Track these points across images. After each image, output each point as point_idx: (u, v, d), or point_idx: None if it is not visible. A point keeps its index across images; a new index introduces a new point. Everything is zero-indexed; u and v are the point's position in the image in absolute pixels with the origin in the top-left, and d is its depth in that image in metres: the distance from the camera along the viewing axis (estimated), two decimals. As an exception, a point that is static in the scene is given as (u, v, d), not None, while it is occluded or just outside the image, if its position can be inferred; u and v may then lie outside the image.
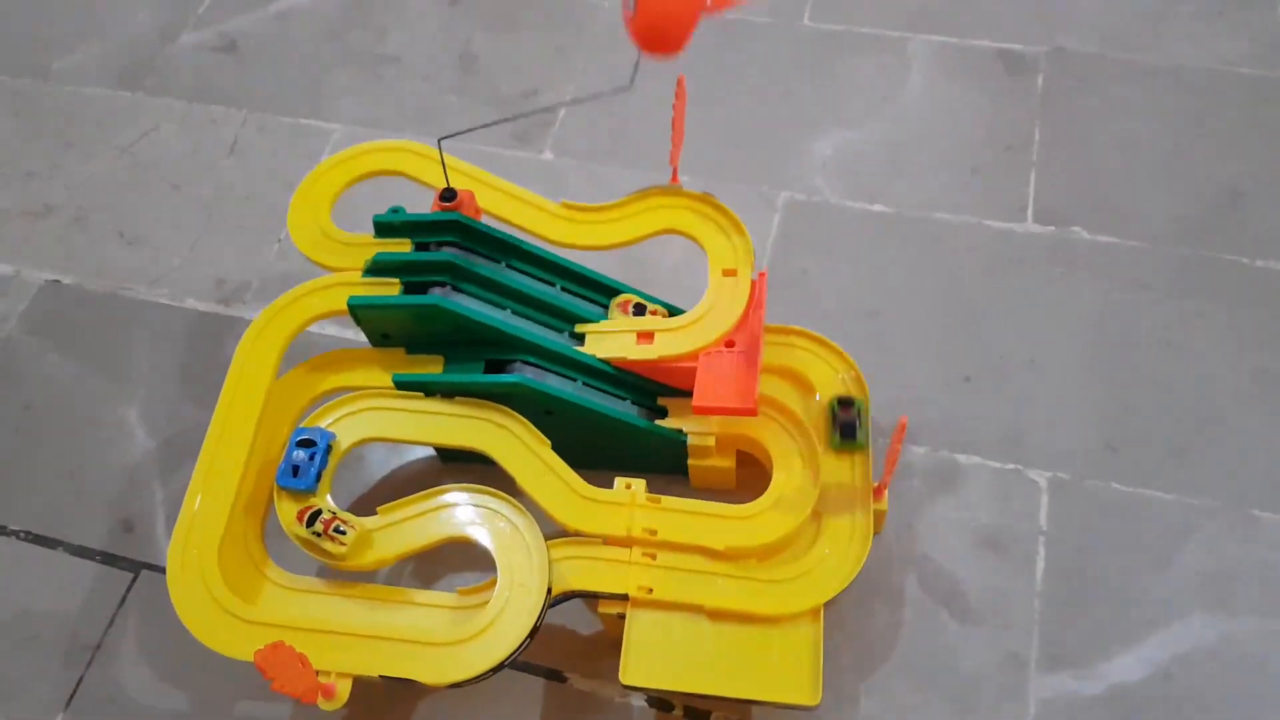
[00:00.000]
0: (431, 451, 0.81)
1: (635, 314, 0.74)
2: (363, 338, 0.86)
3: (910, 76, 1.02)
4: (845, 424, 0.71)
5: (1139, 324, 0.84)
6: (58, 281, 0.96)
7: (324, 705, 0.59)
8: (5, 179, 1.04)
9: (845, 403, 0.72)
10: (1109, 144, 0.95)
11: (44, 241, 0.99)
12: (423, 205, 0.77)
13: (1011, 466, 0.78)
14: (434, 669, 0.61)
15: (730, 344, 0.71)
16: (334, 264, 0.74)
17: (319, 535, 0.63)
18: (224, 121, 1.07)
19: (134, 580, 0.78)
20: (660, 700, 0.70)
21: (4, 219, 1.01)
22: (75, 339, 0.92)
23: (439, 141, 0.71)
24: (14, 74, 1.13)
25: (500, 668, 0.61)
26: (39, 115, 1.10)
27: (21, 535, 0.81)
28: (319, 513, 0.64)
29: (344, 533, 0.64)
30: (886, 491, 0.69)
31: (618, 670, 0.65)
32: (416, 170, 0.78)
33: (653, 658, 0.65)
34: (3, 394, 0.89)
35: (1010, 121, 0.97)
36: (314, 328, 0.75)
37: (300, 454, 0.66)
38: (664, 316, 0.74)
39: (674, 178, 0.76)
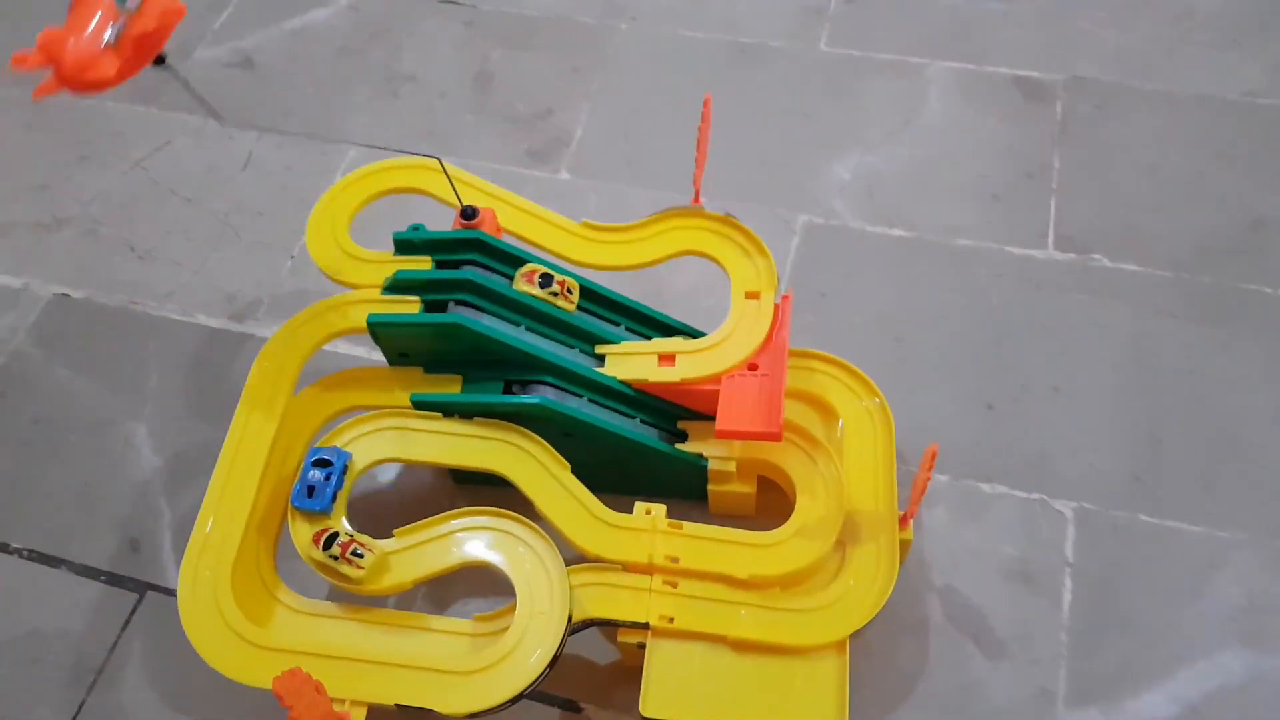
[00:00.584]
0: (445, 471, 0.80)
1: (541, 285, 0.72)
2: (378, 356, 0.85)
3: (928, 102, 1.01)
4: None
5: (1164, 352, 0.83)
6: (67, 295, 0.95)
7: (338, 733, 0.57)
8: (17, 191, 1.03)
9: None
10: (1129, 172, 0.95)
11: (54, 254, 0.98)
12: (440, 223, 0.76)
13: (1036, 496, 0.76)
14: (452, 698, 0.59)
15: (753, 367, 0.70)
16: (352, 280, 0.73)
17: (336, 559, 0.62)
18: (239, 137, 1.06)
19: (139, 601, 0.77)
20: (679, 730, 0.68)
21: (14, 231, 1.00)
22: (84, 353, 0.91)
23: (440, 161, 0.70)
24: (27, 87, 1.12)
25: (519, 698, 0.60)
26: (52, 128, 1.09)
27: (25, 554, 0.79)
28: (336, 535, 0.63)
29: (361, 556, 0.62)
30: (911, 521, 0.68)
31: (635, 701, 0.63)
32: (436, 188, 0.77)
33: (674, 689, 0.63)
34: (11, 407, 0.88)
35: (1029, 148, 0.97)
36: (326, 346, 0.74)
37: (316, 474, 0.65)
38: (572, 289, 0.73)
39: (695, 198, 0.75)
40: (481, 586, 0.74)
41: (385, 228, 0.76)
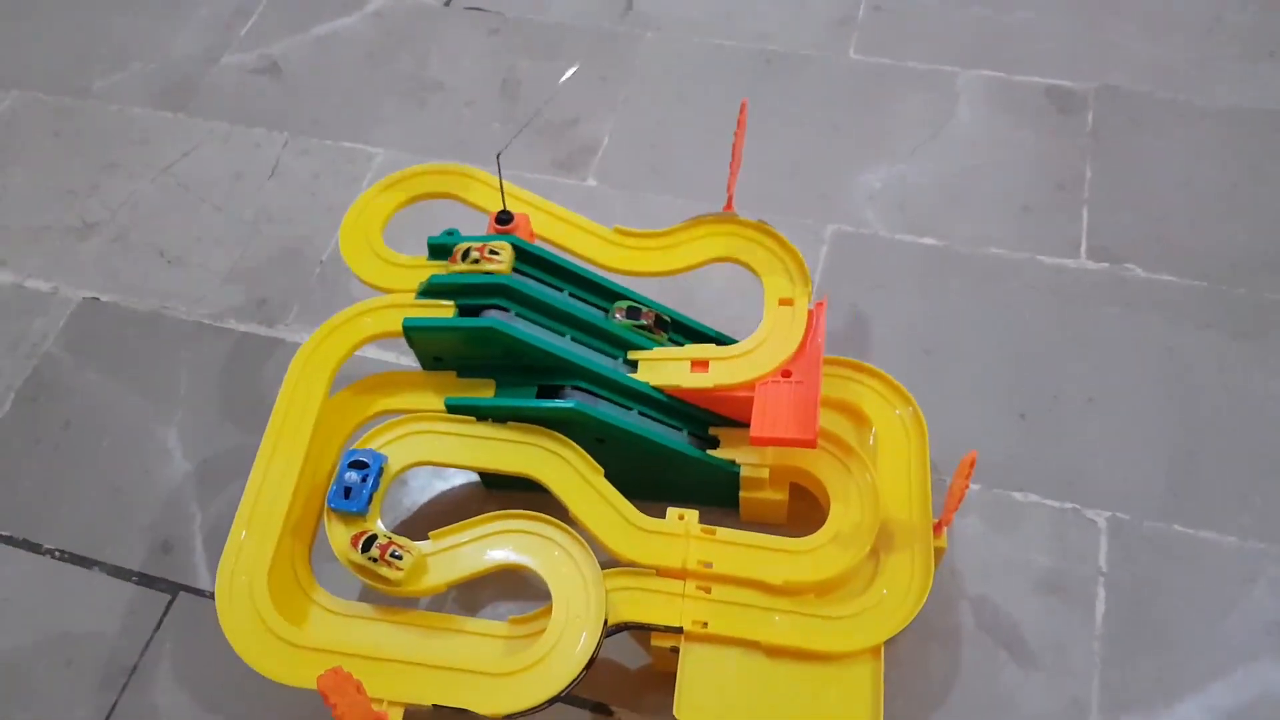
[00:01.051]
0: (475, 476, 0.80)
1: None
2: (408, 361, 0.85)
3: (958, 111, 1.02)
4: None
5: (1198, 364, 0.83)
6: (96, 299, 0.96)
7: (376, 734, 0.57)
8: (45, 197, 1.04)
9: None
10: (1162, 183, 0.95)
11: (83, 259, 0.99)
12: (469, 228, 0.76)
13: (1070, 506, 0.76)
14: (489, 699, 0.59)
15: (787, 374, 0.70)
16: (387, 285, 0.73)
17: (375, 561, 0.62)
18: (266, 144, 1.07)
19: (171, 602, 0.77)
20: (711, 738, 0.68)
21: (44, 236, 1.01)
22: (114, 357, 0.92)
23: (498, 157, 0.70)
24: (55, 93, 1.14)
25: (556, 699, 0.60)
26: (80, 134, 1.10)
27: (57, 555, 0.80)
28: (374, 538, 0.63)
29: (400, 558, 0.62)
30: (945, 530, 0.68)
31: (666, 705, 0.63)
32: (468, 193, 0.78)
33: (708, 694, 0.63)
34: (42, 410, 0.88)
35: (1061, 158, 0.97)
36: (357, 351, 0.74)
37: (353, 475, 0.65)
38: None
39: (729, 205, 0.75)
40: (512, 590, 0.74)
41: (410, 233, 0.76)
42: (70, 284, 0.97)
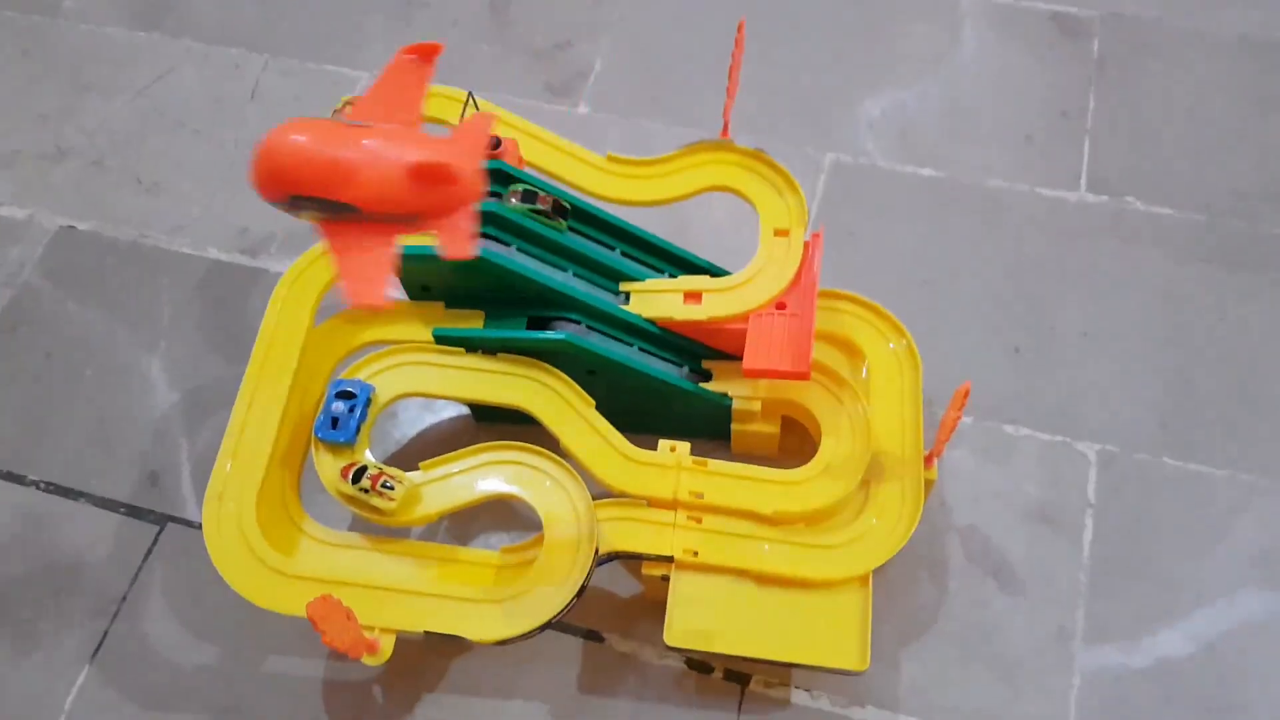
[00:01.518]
0: (465, 409, 0.79)
1: (524, 200, 0.69)
2: (393, 290, 0.84)
3: (962, 38, 0.99)
4: None
5: (1194, 298, 0.82)
6: (73, 228, 0.93)
7: (368, 661, 0.58)
8: (16, 121, 1.01)
9: None
10: (1166, 113, 0.93)
11: (59, 186, 0.96)
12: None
13: (1060, 439, 0.76)
14: (480, 626, 0.60)
15: (781, 306, 0.69)
16: (373, 213, 0.71)
17: (366, 491, 0.62)
18: (244, 65, 1.04)
19: (159, 533, 0.77)
20: (700, 663, 0.69)
21: (16, 161, 0.98)
22: (94, 287, 0.90)
23: (470, 95, 0.68)
24: (24, 10, 1.09)
25: (546, 627, 0.60)
26: (51, 55, 1.06)
27: (43, 486, 0.79)
28: (365, 469, 0.62)
29: (392, 488, 0.62)
30: (936, 461, 0.68)
31: (656, 632, 0.64)
32: (455, 117, 0.75)
33: (698, 620, 0.64)
34: (23, 341, 0.87)
35: (1065, 87, 0.95)
36: (345, 279, 0.73)
37: (340, 405, 0.65)
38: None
39: (724, 131, 0.73)
40: (503, 521, 0.74)
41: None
42: (46, 211, 0.94)
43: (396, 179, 0.48)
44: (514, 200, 0.68)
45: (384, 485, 0.62)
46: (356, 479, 0.62)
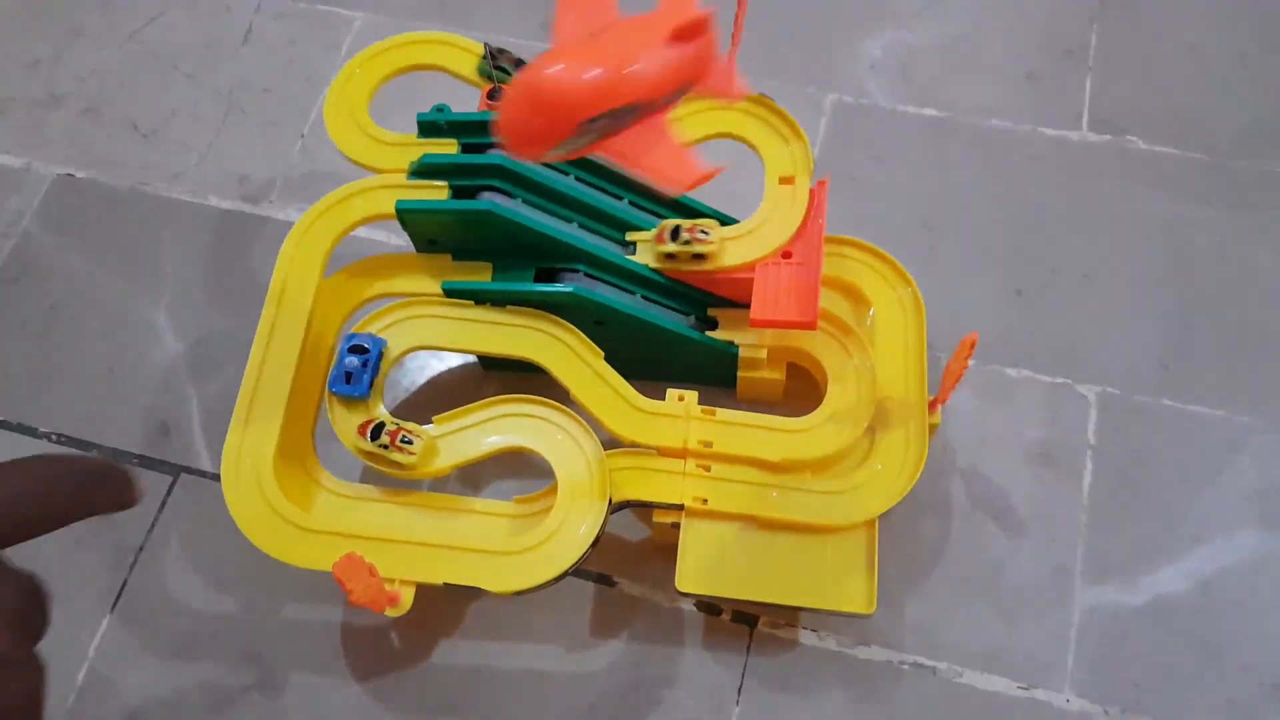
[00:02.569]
0: (472, 359, 0.80)
1: (674, 240, 0.70)
2: (397, 241, 0.84)
3: (963, -27, 0.97)
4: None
5: (1197, 238, 0.82)
6: (71, 176, 0.93)
7: (390, 613, 0.59)
8: (7, 66, 0.99)
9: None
10: (1171, 51, 0.92)
11: (54, 133, 0.95)
12: (457, 102, 0.73)
13: (1061, 381, 0.77)
14: (498, 577, 0.61)
15: (787, 255, 0.70)
16: (377, 164, 0.70)
17: (386, 447, 0.62)
18: (236, 8, 1.01)
19: (173, 483, 0.78)
20: (709, 605, 0.71)
21: (9, 108, 0.97)
22: (95, 237, 0.89)
23: (485, 48, 0.67)
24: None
25: (563, 576, 0.61)
26: (38, 1, 1.04)
27: (54, 438, 0.80)
28: (382, 425, 0.63)
29: (411, 443, 0.63)
30: (940, 407, 0.69)
31: (667, 576, 0.66)
32: (457, 64, 0.74)
33: (708, 566, 0.65)
34: (26, 293, 0.86)
35: (1067, 23, 0.94)
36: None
37: (353, 360, 0.65)
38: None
39: (731, 77, 0.72)
40: (513, 469, 0.75)
41: (388, 105, 0.73)
42: (42, 160, 0.93)
43: (663, 55, 0.47)
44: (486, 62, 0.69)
45: (403, 440, 0.63)
46: (375, 435, 0.63)
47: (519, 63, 0.69)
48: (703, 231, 0.69)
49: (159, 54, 0.99)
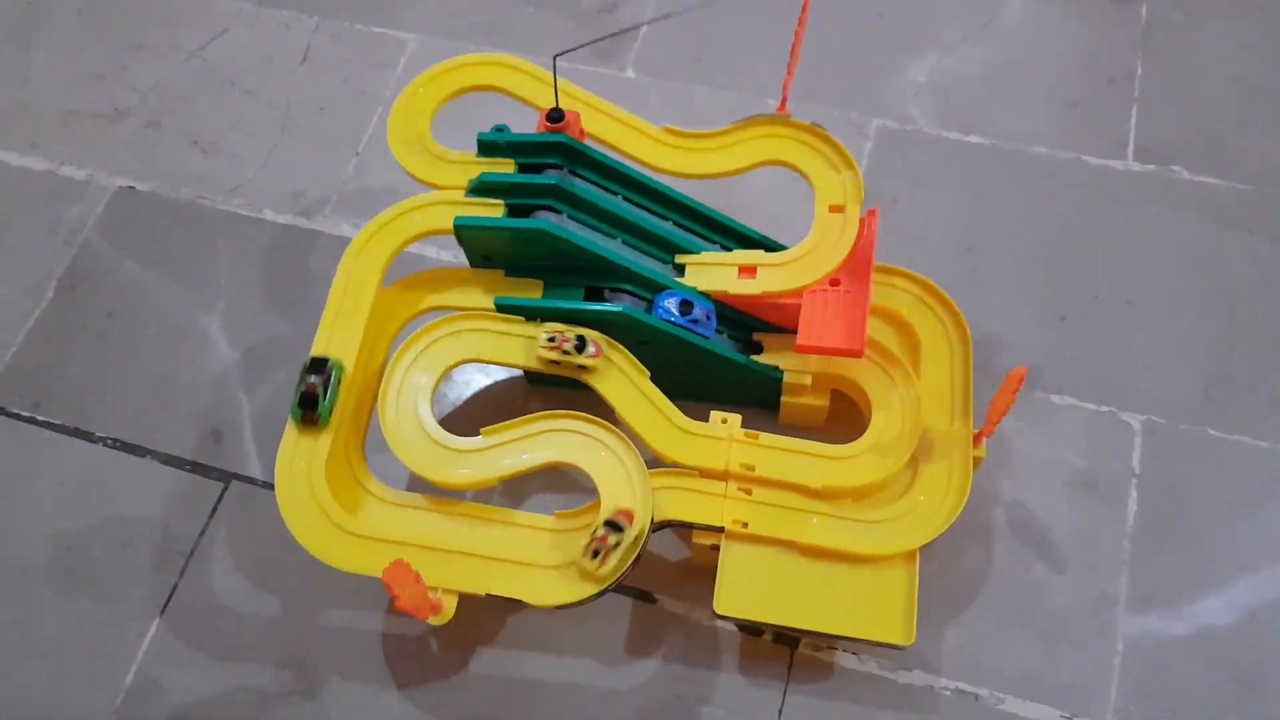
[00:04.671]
0: (517, 373, 0.81)
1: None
2: (448, 256, 0.86)
3: (1008, 2, 0.98)
4: (307, 395, 0.64)
5: (1240, 268, 0.82)
6: (132, 188, 0.95)
7: (433, 621, 0.60)
8: (72, 81, 1.02)
9: (318, 364, 0.65)
10: (1214, 81, 0.92)
11: (116, 146, 0.98)
12: (514, 122, 0.75)
13: (1106, 409, 0.77)
14: (540, 591, 0.62)
15: (835, 283, 0.70)
16: (437, 181, 0.72)
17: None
18: (295, 27, 1.04)
19: (224, 490, 0.79)
20: (750, 625, 0.71)
21: (73, 121, 0.99)
22: (153, 247, 0.92)
23: (554, 59, 0.69)
24: (75, -32, 1.10)
25: (604, 593, 0.62)
26: (104, 14, 1.07)
27: (110, 443, 0.82)
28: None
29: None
30: (985, 440, 0.69)
31: (706, 595, 0.66)
32: (516, 87, 0.76)
33: (746, 589, 0.66)
34: (85, 299, 0.89)
35: (1112, 53, 0.94)
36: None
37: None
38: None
39: (783, 106, 0.74)
40: (554, 484, 0.76)
41: (446, 126, 0.75)
42: (104, 172, 0.96)
43: None
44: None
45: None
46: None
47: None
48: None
49: (219, 70, 1.02)
